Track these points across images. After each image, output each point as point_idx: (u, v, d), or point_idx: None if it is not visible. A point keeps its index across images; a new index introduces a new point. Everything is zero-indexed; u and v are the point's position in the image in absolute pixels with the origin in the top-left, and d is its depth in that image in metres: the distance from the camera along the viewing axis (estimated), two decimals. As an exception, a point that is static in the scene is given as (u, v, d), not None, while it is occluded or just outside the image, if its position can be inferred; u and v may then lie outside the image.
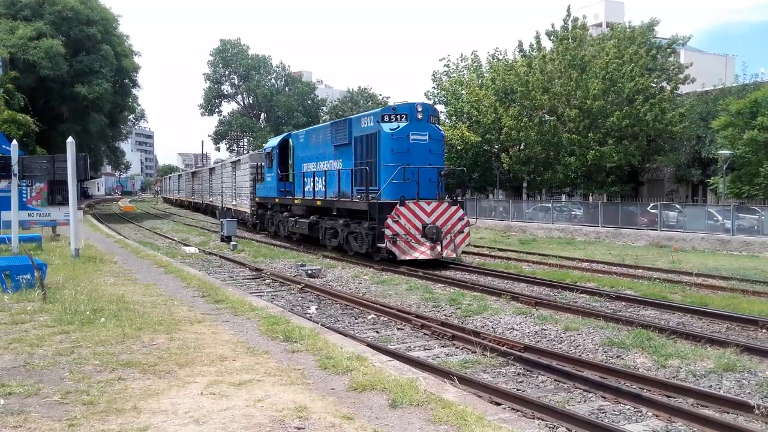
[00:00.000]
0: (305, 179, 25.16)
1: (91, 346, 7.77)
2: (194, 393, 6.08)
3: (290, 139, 27.94)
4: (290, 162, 27.45)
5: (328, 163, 23.26)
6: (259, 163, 31.56)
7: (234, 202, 38.51)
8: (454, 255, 19.74)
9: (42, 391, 6.14)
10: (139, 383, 6.36)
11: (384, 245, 18.64)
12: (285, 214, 27.32)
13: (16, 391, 6.12)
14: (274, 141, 30.31)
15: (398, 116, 19.81)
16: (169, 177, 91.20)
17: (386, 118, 19.83)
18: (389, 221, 18.54)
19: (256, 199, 31.84)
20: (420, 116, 19.85)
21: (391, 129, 19.62)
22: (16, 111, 36.48)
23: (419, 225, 18.93)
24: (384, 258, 19.25)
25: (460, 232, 19.75)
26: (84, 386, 6.25)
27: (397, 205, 18.73)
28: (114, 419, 5.40)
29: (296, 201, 25.65)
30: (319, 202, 23.30)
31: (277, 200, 28.14)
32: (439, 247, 18.99)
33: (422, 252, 18.82)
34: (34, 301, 10.61)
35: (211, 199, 48.95)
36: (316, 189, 23.90)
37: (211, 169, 49.98)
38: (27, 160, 17.80)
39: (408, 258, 18.58)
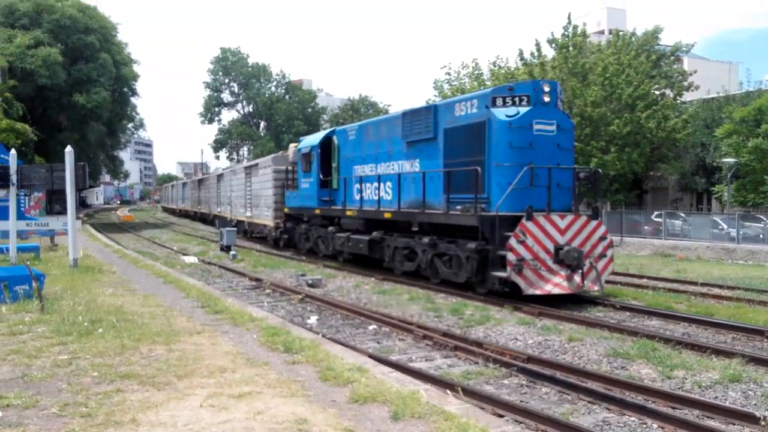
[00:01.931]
0: (361, 185, 20.26)
1: (89, 357, 7.69)
2: (193, 405, 6.00)
3: (334, 137, 22.70)
4: (334, 165, 22.37)
5: (395, 165, 18.46)
6: (289, 167, 26.33)
7: (248, 213, 33.44)
8: (597, 288, 14.54)
9: (40, 403, 6.07)
10: (137, 395, 6.28)
11: (504, 274, 13.68)
12: (330, 228, 22.06)
13: (14, 402, 6.04)
14: (312, 139, 24.87)
15: (515, 99, 14.62)
16: (172, 185, 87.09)
17: (499, 102, 14.60)
18: (513, 241, 13.59)
19: (285, 209, 26.47)
20: (547, 98, 14.66)
21: (508, 116, 14.44)
22: (15, 120, 36.43)
23: (551, 247, 13.96)
24: (494, 291, 14.44)
25: (602, 255, 14.67)
26: (82, 398, 6.17)
27: (523, 220, 13.78)
28: (112, 432, 5.32)
29: (349, 212, 20.64)
30: (387, 215, 18.24)
31: (317, 211, 22.98)
32: (577, 277, 14.06)
33: (557, 284, 13.89)
34: (32, 311, 10.53)
35: (219, 210, 43.58)
36: (382, 197, 18.95)
37: (219, 176, 44.88)
38: (25, 169, 17.75)
39: (538, 293, 13.72)
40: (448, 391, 7.26)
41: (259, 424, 5.50)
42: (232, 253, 24.80)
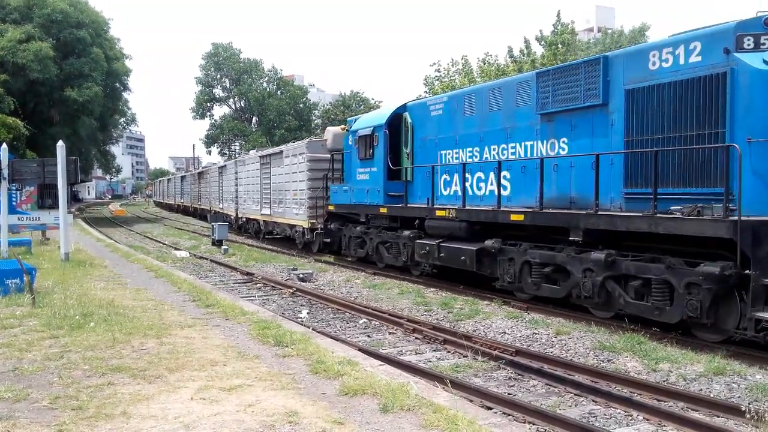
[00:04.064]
0: (458, 175, 15.03)
1: (80, 350, 7.74)
2: (184, 398, 6.05)
3: (405, 114, 17.39)
4: (406, 150, 17.33)
5: (518, 147, 13.46)
6: (334, 154, 21.42)
7: (266, 211, 28.27)
8: None
9: (31, 396, 6.11)
10: (128, 388, 6.33)
11: None
12: (406, 233, 16.78)
13: (5, 396, 6.09)
14: (374, 117, 19.35)
15: None
16: (168, 179, 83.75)
17: (748, 42, 9.46)
18: None
19: (329, 207, 20.87)
20: None
21: None
22: (6, 114, 36.34)
23: None
24: (741, 340, 9.34)
25: None
26: (73, 391, 6.21)
27: None
28: (103, 425, 5.37)
29: (440, 212, 15.19)
30: (517, 217, 12.70)
31: (382, 210, 17.68)
32: None
33: None
34: (23, 305, 10.57)
35: (221, 206, 39.29)
36: (492, 192, 13.89)
37: (222, 168, 40.37)
38: (17, 163, 17.76)
39: None
40: (437, 384, 7.34)
41: (250, 417, 5.56)
42: (223, 247, 24.81)
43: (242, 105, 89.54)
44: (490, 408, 7.00)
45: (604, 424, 6.76)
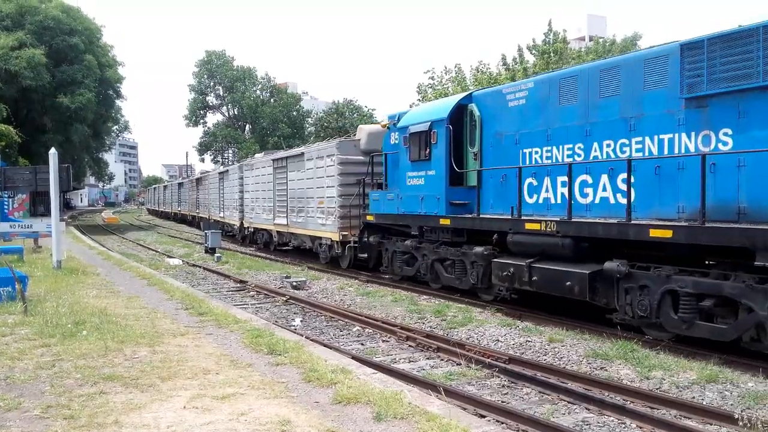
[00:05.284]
0: (566, 179, 11.61)
1: (72, 359, 7.71)
2: (177, 407, 6.03)
3: (471, 106, 14.57)
4: (472, 149, 14.55)
5: (647, 142, 10.54)
6: (374, 156, 18.55)
7: (280, 221, 25.37)
8: None
9: (23, 405, 6.08)
10: (120, 397, 6.31)
11: None
12: (478, 250, 13.87)
13: (-4, 405, 6.05)
14: (430, 110, 16.23)
15: None
16: (164, 186, 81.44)
17: None
18: None
19: (368, 216, 18.16)
20: None
21: None
22: (-1, 122, 36.25)
23: None
24: None
25: None
26: (65, 400, 6.19)
27: None
28: (95, 434, 5.35)
29: (533, 225, 12.08)
30: (661, 233, 9.75)
31: (444, 222, 14.72)
32: None
33: None
34: (15, 313, 10.51)
35: (222, 215, 36.76)
36: (624, 201, 10.44)
37: (223, 174, 37.68)
38: (9, 171, 17.74)
39: None
40: (431, 392, 7.34)
41: (243, 426, 5.55)
42: (216, 255, 24.76)
43: (235, 112, 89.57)
44: (483, 416, 7.01)
45: (598, 431, 6.77)
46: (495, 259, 13.23)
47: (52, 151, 16.97)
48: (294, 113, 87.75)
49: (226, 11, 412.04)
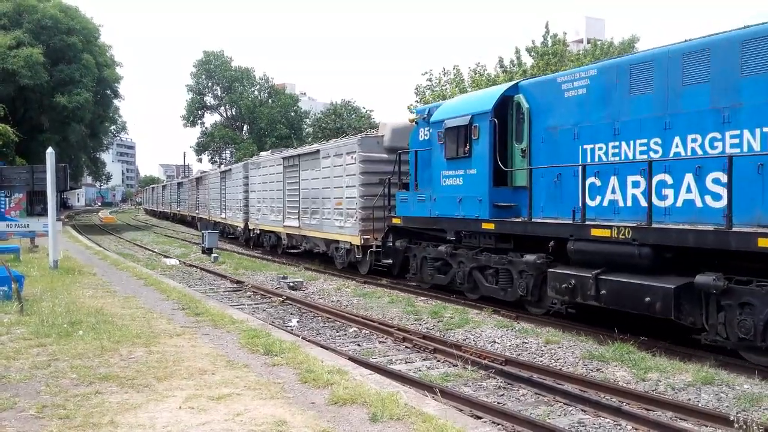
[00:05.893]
0: (637, 179, 10.43)
1: (68, 359, 7.70)
2: (172, 407, 6.03)
3: (518, 96, 13.14)
4: (519, 145, 13.11)
5: (747, 135, 9.05)
6: (401, 154, 16.91)
7: (290, 222, 23.74)
8: None
9: (18, 404, 6.07)
10: (116, 397, 6.30)
11: None
12: (529, 258, 12.25)
13: (-9, 405, 6.04)
14: (470, 102, 14.88)
15: None
16: (162, 186, 79.18)
17: None
18: None
19: (395, 219, 16.62)
20: None
21: None
22: (-5, 121, 36.15)
23: None
24: None
25: None
26: (60, 400, 6.18)
27: None
28: (90, 434, 5.34)
29: (600, 231, 10.56)
30: None
31: (487, 225, 13.21)
32: None
33: None
34: (10, 313, 10.49)
35: (224, 216, 35.20)
36: (714, 204, 9.32)
37: (225, 173, 36.04)
38: (6, 170, 17.70)
39: None
40: (427, 393, 7.34)
41: (239, 426, 5.54)
42: (213, 255, 24.74)
43: (233, 113, 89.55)
44: (479, 417, 7.01)
45: (593, 433, 6.78)
46: (551, 269, 11.65)
47: (50, 150, 16.94)
48: (292, 114, 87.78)
49: (225, 12, 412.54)
